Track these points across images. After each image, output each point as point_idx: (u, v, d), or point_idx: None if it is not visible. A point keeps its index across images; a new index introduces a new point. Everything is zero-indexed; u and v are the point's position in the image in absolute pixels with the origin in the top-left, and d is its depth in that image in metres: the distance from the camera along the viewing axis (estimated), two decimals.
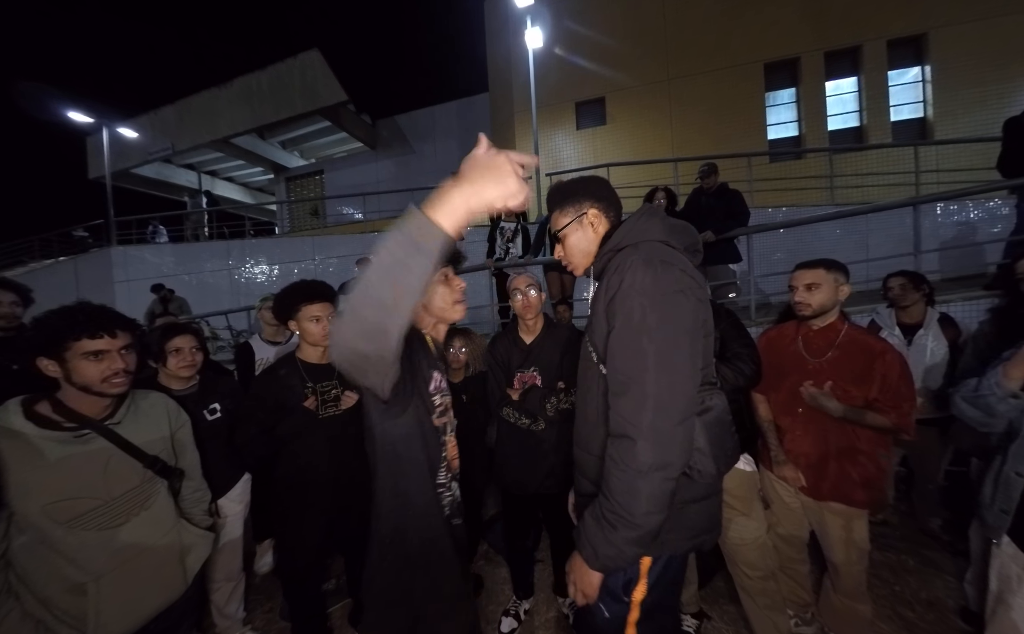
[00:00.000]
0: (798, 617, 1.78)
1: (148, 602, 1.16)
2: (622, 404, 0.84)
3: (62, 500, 1.02)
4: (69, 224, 10.65)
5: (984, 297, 2.95)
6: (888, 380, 1.47)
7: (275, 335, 2.64)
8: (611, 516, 0.83)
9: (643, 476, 0.80)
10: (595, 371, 0.96)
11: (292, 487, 1.65)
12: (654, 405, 0.80)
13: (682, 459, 0.84)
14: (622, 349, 0.85)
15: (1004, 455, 1.30)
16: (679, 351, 0.83)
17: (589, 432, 0.99)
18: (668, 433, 0.81)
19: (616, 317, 0.86)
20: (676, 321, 0.83)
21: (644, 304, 0.83)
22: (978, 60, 7.34)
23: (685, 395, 0.83)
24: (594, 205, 1.03)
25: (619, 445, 0.83)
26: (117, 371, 1.09)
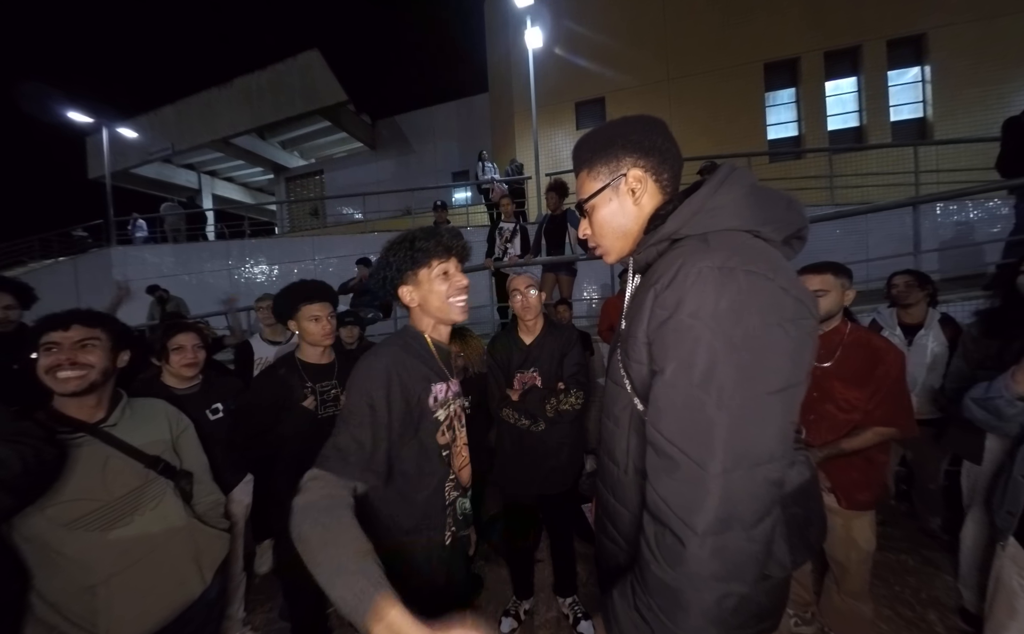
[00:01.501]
0: (798, 617, 1.78)
1: (163, 602, 1.15)
2: (668, 486, 0.57)
3: (61, 502, 1.02)
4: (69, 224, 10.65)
5: (983, 297, 2.96)
6: (886, 383, 1.47)
7: (274, 335, 2.64)
8: (647, 613, 0.59)
9: (695, 586, 0.54)
10: (628, 401, 0.71)
11: (292, 487, 1.64)
12: (719, 501, 0.53)
13: (754, 572, 0.56)
14: (673, 407, 0.57)
15: (1011, 459, 1.29)
16: (764, 422, 0.54)
17: (618, 477, 0.75)
18: (737, 536, 0.54)
19: (667, 357, 0.58)
20: (765, 376, 0.54)
21: (715, 347, 0.54)
22: (978, 60, 7.34)
23: (768, 484, 0.55)
24: (639, 161, 0.70)
25: (662, 538, 0.57)
26: (60, 363, 1.05)
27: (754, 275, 0.55)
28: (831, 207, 5.92)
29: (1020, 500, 1.23)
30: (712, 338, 0.54)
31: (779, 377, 0.55)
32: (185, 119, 12.39)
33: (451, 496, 1.02)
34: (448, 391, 1.05)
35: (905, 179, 5.97)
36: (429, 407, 0.98)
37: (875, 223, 5.53)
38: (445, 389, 1.03)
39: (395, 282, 1.00)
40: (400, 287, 1.01)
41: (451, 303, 1.01)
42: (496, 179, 7.20)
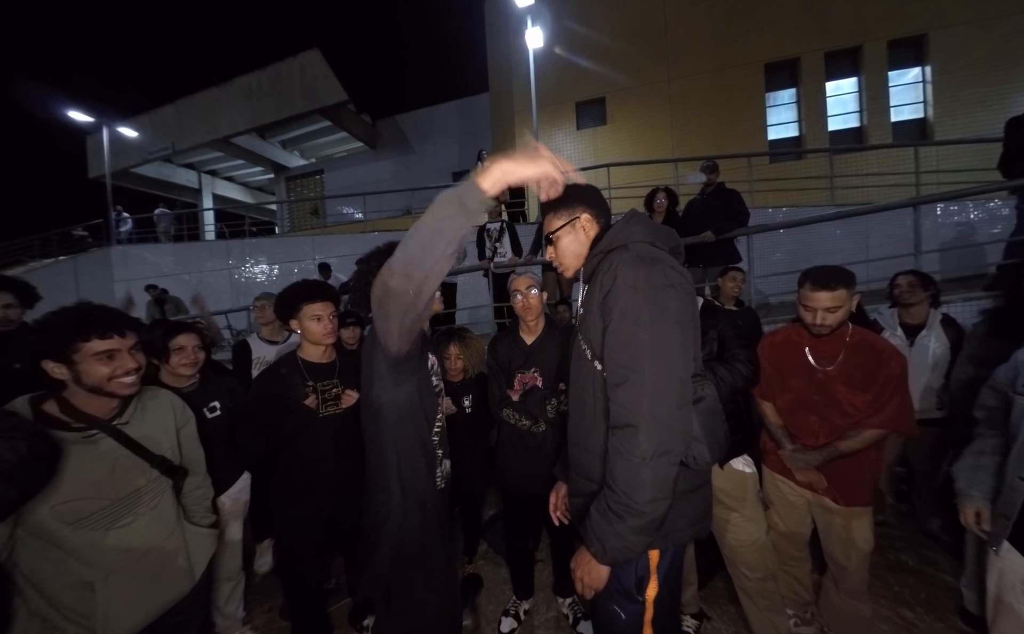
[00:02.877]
0: (797, 617, 1.78)
1: (155, 599, 1.16)
2: (621, 394, 0.87)
3: (71, 501, 1.02)
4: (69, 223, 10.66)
5: (984, 298, 2.96)
6: (889, 386, 1.47)
7: (273, 334, 2.63)
8: (617, 507, 0.85)
9: (647, 463, 0.82)
10: (590, 368, 0.99)
11: (292, 486, 1.65)
12: (652, 392, 0.84)
13: (683, 444, 0.87)
14: (618, 342, 0.89)
15: (1005, 460, 1.27)
16: (672, 340, 0.87)
17: (587, 429, 1.01)
18: (667, 418, 0.84)
19: (611, 312, 0.90)
20: (667, 313, 0.88)
21: (637, 298, 0.87)
22: (978, 61, 7.34)
23: (681, 381, 0.87)
24: (586, 210, 1.08)
25: (621, 435, 0.86)
26: (128, 370, 1.09)
27: (655, 261, 0.92)
28: (831, 207, 5.92)
29: (1016, 503, 1.20)
30: (635, 294, 0.88)
31: (673, 314, 0.88)
32: (185, 118, 12.39)
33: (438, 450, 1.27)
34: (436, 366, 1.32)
35: (905, 180, 5.97)
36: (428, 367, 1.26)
37: (875, 223, 5.53)
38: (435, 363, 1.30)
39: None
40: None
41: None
42: None
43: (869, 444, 1.49)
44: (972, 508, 1.33)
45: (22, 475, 0.91)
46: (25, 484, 0.94)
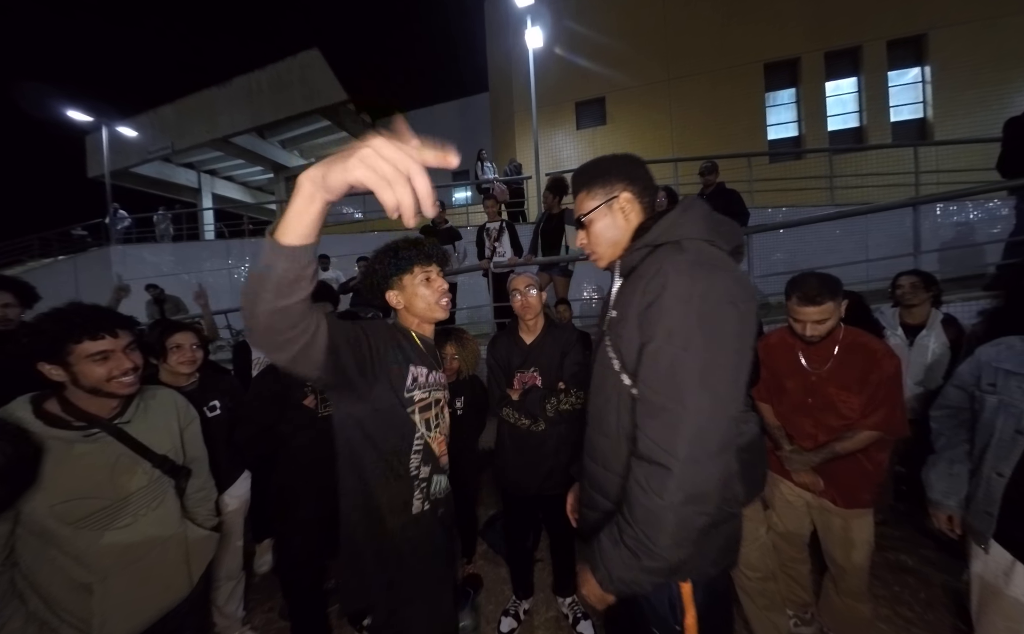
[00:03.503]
0: (797, 617, 1.78)
1: (153, 602, 1.15)
2: (655, 427, 0.74)
3: (70, 500, 1.01)
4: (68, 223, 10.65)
5: (983, 297, 2.96)
6: (882, 387, 1.46)
7: None
8: (632, 543, 0.74)
9: (674, 508, 0.71)
10: (616, 381, 0.86)
11: (292, 486, 1.65)
12: (693, 432, 0.71)
13: (719, 493, 0.74)
14: (660, 366, 0.74)
15: (983, 457, 1.28)
16: (724, 372, 0.73)
17: (609, 448, 0.89)
18: (706, 463, 0.71)
19: (655, 328, 0.75)
20: (724, 337, 0.73)
21: (690, 317, 0.72)
22: (978, 61, 7.35)
23: (728, 421, 0.73)
24: (628, 188, 0.90)
25: (649, 471, 0.74)
26: (125, 370, 1.08)
27: (716, 269, 0.76)
28: (831, 207, 5.93)
29: (996, 498, 1.21)
30: (688, 311, 0.72)
31: (732, 339, 0.73)
32: (185, 118, 12.36)
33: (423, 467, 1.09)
34: (429, 377, 1.12)
35: (905, 179, 5.98)
36: (406, 383, 1.06)
37: (875, 223, 5.53)
38: (427, 374, 1.11)
39: (382, 287, 1.13)
40: (387, 292, 1.14)
41: (435, 304, 1.12)
42: (496, 179, 7.20)
43: (866, 445, 1.49)
44: (945, 515, 1.36)
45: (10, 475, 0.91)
46: (13, 483, 0.94)
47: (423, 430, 1.09)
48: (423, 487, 1.09)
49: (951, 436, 1.42)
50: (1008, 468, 1.19)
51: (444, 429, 1.18)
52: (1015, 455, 1.18)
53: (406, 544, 1.06)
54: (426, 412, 1.10)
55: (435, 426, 1.13)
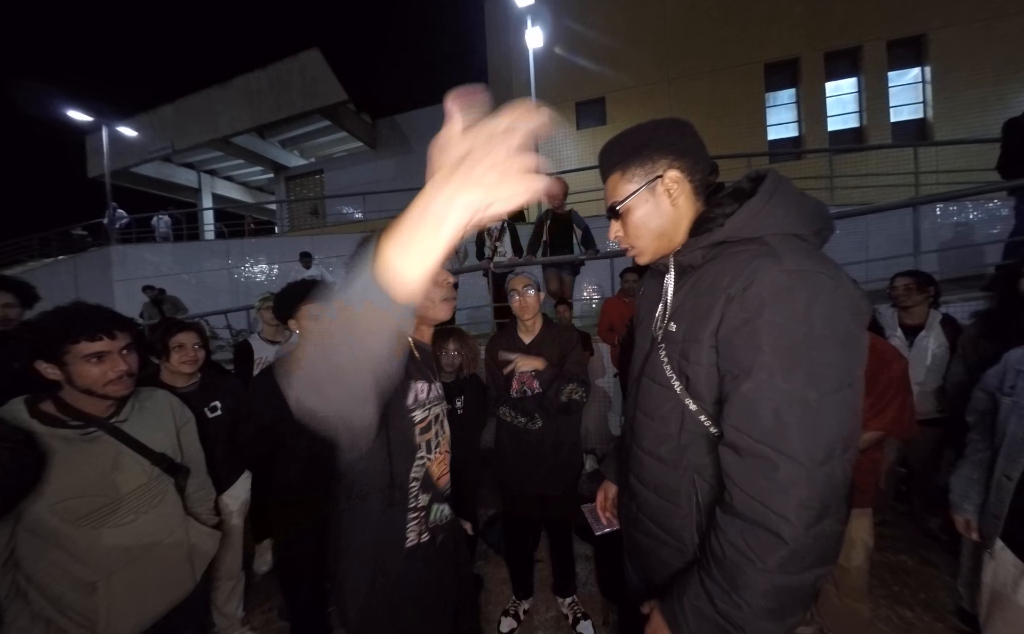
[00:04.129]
0: None
1: (157, 600, 1.16)
2: (763, 486, 0.60)
3: (70, 498, 1.02)
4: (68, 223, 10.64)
5: (982, 298, 2.96)
6: (891, 388, 1.46)
7: (275, 334, 2.64)
8: (737, 613, 0.61)
9: (785, 579, 0.59)
10: (677, 403, 0.74)
11: (291, 486, 1.65)
12: (819, 493, 0.57)
13: (839, 550, 0.62)
14: (762, 410, 0.60)
15: (995, 459, 1.28)
16: (850, 410, 0.59)
17: (666, 476, 0.78)
18: (830, 525, 0.59)
19: (752, 360, 0.60)
20: (849, 368, 0.58)
21: (805, 344, 0.58)
22: (978, 61, 7.35)
23: (848, 470, 0.60)
24: (675, 162, 0.72)
25: (753, 536, 0.60)
26: (120, 373, 1.08)
27: (826, 277, 0.59)
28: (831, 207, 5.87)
29: (1005, 501, 1.20)
30: (801, 339, 0.58)
31: (858, 368, 0.60)
32: (185, 118, 12.37)
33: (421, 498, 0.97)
34: (430, 392, 0.99)
35: (905, 180, 5.98)
36: (407, 404, 0.93)
37: (875, 224, 5.53)
38: (427, 389, 0.98)
39: None
40: None
41: (437, 302, 0.98)
42: None
43: (868, 446, 1.49)
44: (962, 518, 1.38)
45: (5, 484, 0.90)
46: (8, 492, 0.93)
47: (424, 453, 0.97)
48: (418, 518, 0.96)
49: (977, 441, 1.43)
50: (1016, 471, 1.18)
51: (445, 445, 1.07)
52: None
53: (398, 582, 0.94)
54: (426, 433, 0.97)
55: (435, 446, 1.01)
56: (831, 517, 0.59)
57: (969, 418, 1.50)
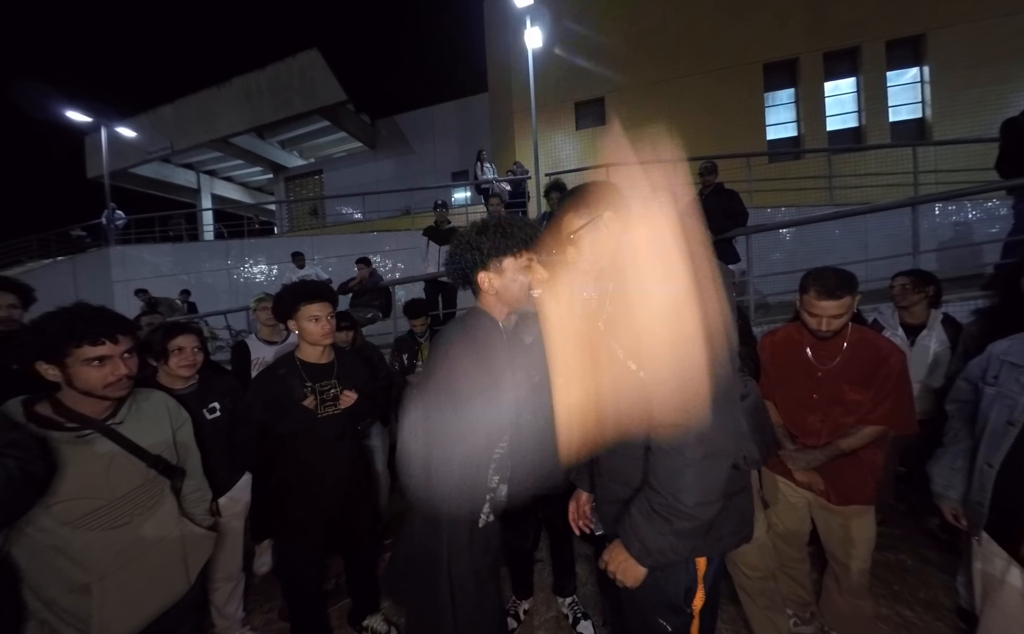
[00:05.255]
0: (797, 616, 1.78)
1: (151, 602, 1.16)
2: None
3: (66, 500, 1.01)
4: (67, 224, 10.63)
5: (982, 297, 2.96)
6: (889, 383, 1.46)
7: (271, 335, 2.63)
8: (663, 509, 0.80)
9: (696, 463, 0.78)
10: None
11: (291, 486, 1.65)
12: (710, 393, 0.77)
13: (732, 446, 0.83)
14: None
15: (977, 447, 1.28)
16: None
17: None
18: (716, 416, 0.77)
19: None
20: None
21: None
22: (977, 61, 7.36)
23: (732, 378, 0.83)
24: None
25: (668, 434, 0.80)
26: (120, 377, 1.09)
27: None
28: (830, 207, 5.93)
29: (987, 489, 1.21)
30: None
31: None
32: (184, 118, 12.37)
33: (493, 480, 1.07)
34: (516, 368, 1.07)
35: (904, 179, 5.98)
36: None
37: (874, 223, 5.54)
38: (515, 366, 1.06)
39: (477, 266, 1.04)
40: (480, 272, 1.05)
41: (531, 293, 1.06)
42: (496, 179, 7.20)
43: (869, 441, 1.49)
44: (950, 508, 1.38)
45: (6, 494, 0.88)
46: (8, 505, 0.91)
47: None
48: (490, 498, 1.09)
49: (958, 430, 1.43)
50: (998, 459, 1.20)
51: None
52: (1005, 446, 1.19)
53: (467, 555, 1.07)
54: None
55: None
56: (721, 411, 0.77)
57: (949, 407, 1.49)
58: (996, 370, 1.28)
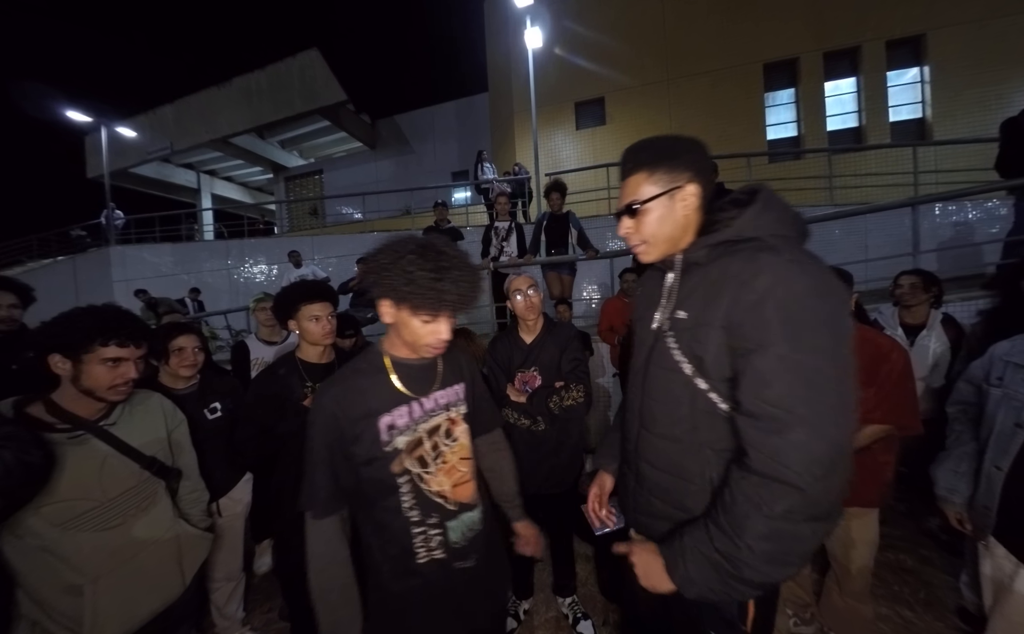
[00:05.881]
0: (797, 617, 1.78)
1: (145, 603, 1.15)
2: (778, 444, 0.66)
3: (57, 502, 1.01)
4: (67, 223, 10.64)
5: (982, 297, 2.96)
6: (890, 381, 1.45)
7: (271, 334, 2.63)
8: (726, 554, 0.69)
9: (794, 528, 0.66)
10: (686, 386, 0.81)
11: (292, 487, 1.64)
12: (834, 447, 0.65)
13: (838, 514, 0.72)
14: (784, 376, 0.66)
15: (984, 450, 1.27)
16: (851, 372, 0.68)
17: (680, 454, 0.84)
18: (834, 479, 0.66)
19: (765, 334, 0.68)
20: (845, 336, 0.68)
21: (814, 319, 0.67)
22: (977, 61, 7.36)
23: (851, 437, 0.68)
24: (695, 179, 0.82)
25: (766, 489, 0.67)
26: (127, 380, 1.10)
27: (815, 264, 0.71)
28: (830, 207, 5.93)
29: (995, 493, 1.20)
30: (810, 315, 0.67)
31: (849, 339, 0.69)
32: (184, 118, 12.37)
33: (424, 519, 0.94)
34: (412, 414, 0.95)
35: (904, 179, 5.98)
36: (380, 440, 0.91)
37: (874, 223, 5.54)
38: (409, 412, 0.95)
39: (376, 292, 0.91)
40: (380, 300, 0.91)
41: (424, 346, 0.93)
42: (496, 179, 7.21)
43: (871, 441, 1.49)
44: (954, 512, 1.36)
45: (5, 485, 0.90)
46: (9, 493, 0.92)
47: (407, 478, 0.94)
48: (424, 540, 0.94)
49: (961, 432, 1.43)
50: (1006, 462, 1.19)
51: (458, 454, 1.01)
52: (1014, 448, 1.18)
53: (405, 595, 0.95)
54: (416, 450, 0.95)
55: (435, 458, 0.97)
56: (838, 474, 0.66)
57: (950, 409, 1.49)
58: (1000, 371, 1.27)
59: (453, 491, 0.98)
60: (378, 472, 0.92)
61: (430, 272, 0.84)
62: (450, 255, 0.88)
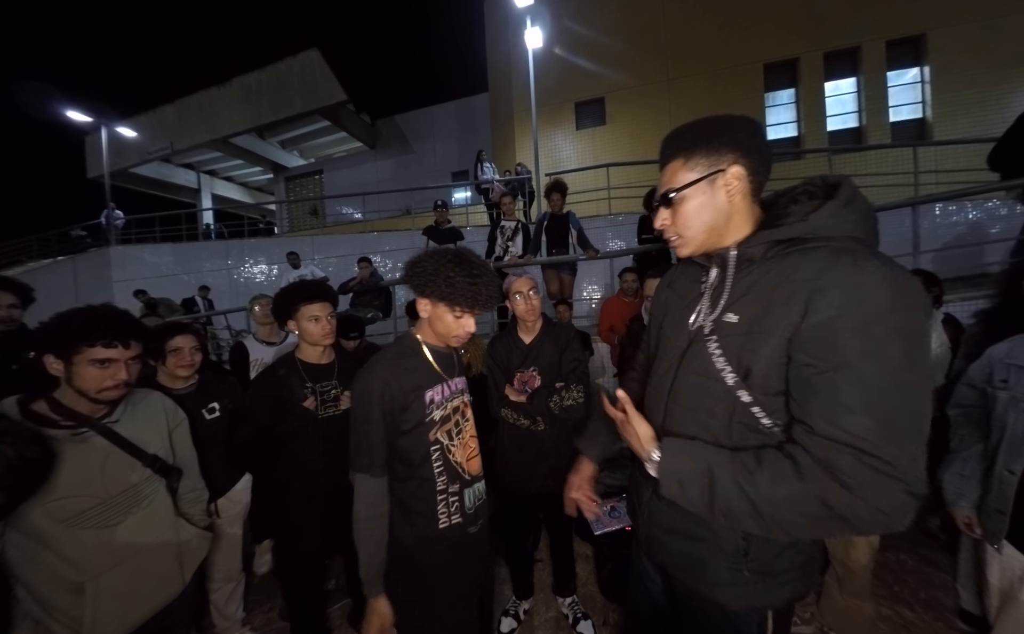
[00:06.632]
0: (797, 616, 1.78)
1: (145, 602, 1.16)
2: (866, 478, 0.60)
3: (60, 498, 1.01)
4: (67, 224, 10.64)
5: (982, 297, 2.96)
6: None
7: (269, 335, 2.63)
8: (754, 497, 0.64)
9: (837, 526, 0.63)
10: (725, 394, 0.73)
11: (291, 487, 1.65)
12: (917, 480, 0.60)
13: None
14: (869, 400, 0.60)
15: (995, 453, 1.26)
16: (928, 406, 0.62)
17: None
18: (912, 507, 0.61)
19: (848, 348, 0.61)
20: (929, 357, 0.64)
21: (906, 342, 0.60)
22: (977, 61, 7.36)
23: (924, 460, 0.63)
24: (740, 159, 0.72)
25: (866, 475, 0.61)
26: (119, 383, 1.09)
27: (904, 275, 0.63)
28: None
29: (1009, 496, 1.19)
30: (893, 329, 0.60)
31: (930, 355, 0.64)
32: (184, 118, 12.37)
33: (447, 487, 1.12)
34: (443, 393, 1.14)
35: (904, 179, 5.98)
36: (424, 410, 1.09)
37: None
38: (441, 391, 1.14)
39: (418, 291, 1.11)
40: (420, 298, 1.12)
41: (454, 337, 1.13)
42: (496, 180, 7.21)
43: None
44: (963, 516, 1.36)
45: (8, 480, 0.90)
46: (11, 488, 0.93)
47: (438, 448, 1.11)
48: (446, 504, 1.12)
49: (965, 435, 1.42)
50: (1020, 465, 1.18)
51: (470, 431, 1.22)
52: None
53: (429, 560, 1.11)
54: (445, 424, 1.13)
55: (457, 434, 1.16)
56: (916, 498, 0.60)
57: (951, 412, 1.48)
58: (1004, 374, 1.27)
59: (467, 463, 1.17)
60: (418, 439, 1.09)
61: (466, 277, 1.04)
62: (480, 263, 1.09)
